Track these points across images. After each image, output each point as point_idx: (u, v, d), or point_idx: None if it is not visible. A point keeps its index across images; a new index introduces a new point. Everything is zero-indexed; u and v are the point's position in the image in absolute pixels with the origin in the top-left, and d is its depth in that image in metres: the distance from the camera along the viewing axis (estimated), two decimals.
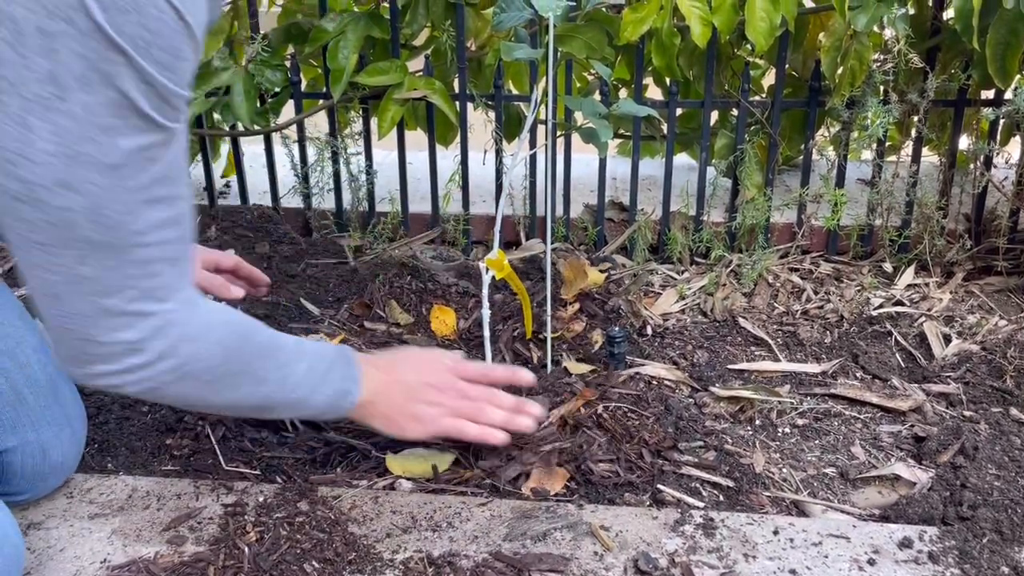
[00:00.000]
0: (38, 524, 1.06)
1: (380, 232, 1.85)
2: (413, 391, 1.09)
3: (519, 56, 1.20)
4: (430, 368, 1.11)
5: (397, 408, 1.09)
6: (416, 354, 1.13)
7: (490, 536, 1.03)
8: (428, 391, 1.10)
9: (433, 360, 1.13)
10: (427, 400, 1.10)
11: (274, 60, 1.77)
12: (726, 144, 1.85)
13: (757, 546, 1.02)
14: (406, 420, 1.09)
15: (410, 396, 1.09)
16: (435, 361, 1.13)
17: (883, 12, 1.53)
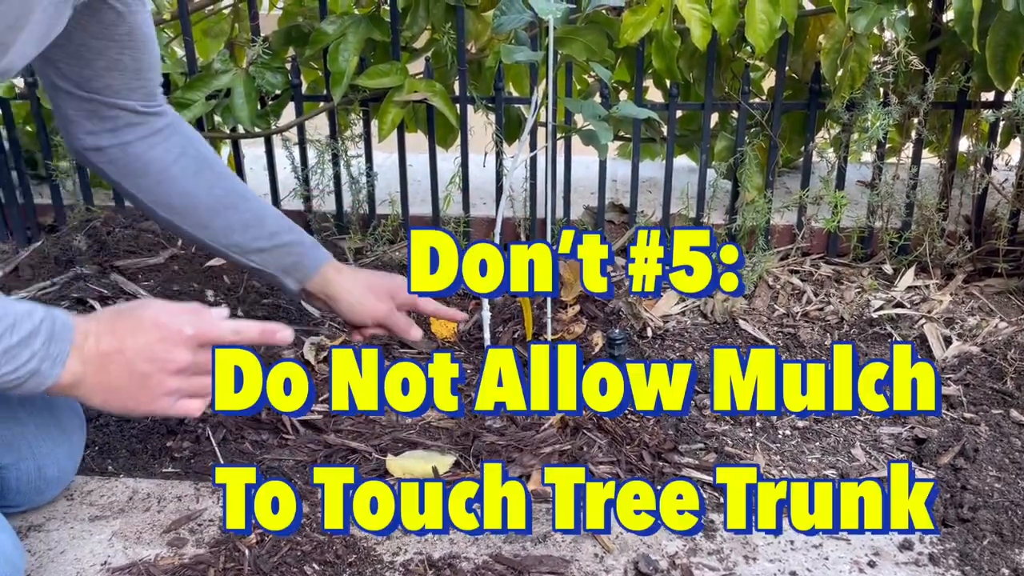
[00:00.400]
0: (39, 526, 1.06)
1: (380, 234, 1.85)
2: (137, 369, 0.91)
3: (519, 59, 1.20)
4: (164, 342, 0.92)
5: (115, 388, 0.91)
6: (151, 320, 0.92)
7: (490, 538, 1.03)
8: (156, 373, 0.91)
9: (171, 330, 0.92)
10: (153, 384, 0.92)
11: (275, 63, 1.77)
12: (726, 146, 1.85)
13: (757, 548, 1.02)
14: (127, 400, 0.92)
15: (133, 375, 0.91)
16: (173, 331, 0.92)
17: (883, 14, 1.54)
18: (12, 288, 1.65)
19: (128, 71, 1.13)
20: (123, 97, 1.15)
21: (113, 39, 1.09)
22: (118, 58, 1.11)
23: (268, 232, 1.22)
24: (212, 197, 1.20)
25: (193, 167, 1.20)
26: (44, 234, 1.89)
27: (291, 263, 1.24)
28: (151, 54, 1.14)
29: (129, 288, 1.62)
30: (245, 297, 1.63)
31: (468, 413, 1.30)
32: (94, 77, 1.13)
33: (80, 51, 1.10)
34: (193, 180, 1.20)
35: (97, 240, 1.77)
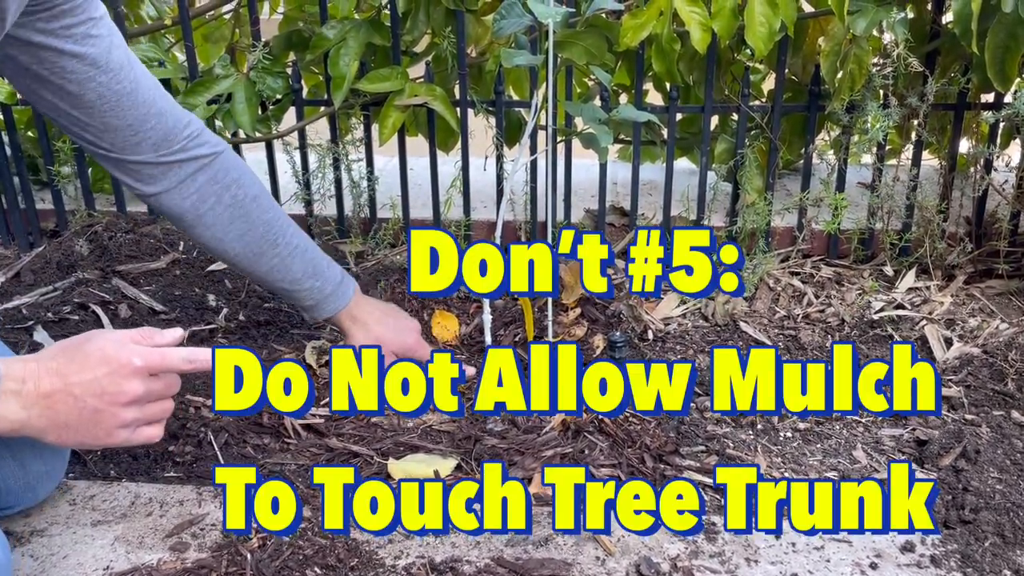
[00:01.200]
0: (41, 531, 1.06)
1: (382, 238, 1.85)
2: (88, 405, 0.90)
3: (519, 62, 1.20)
4: (112, 375, 0.90)
5: (66, 425, 0.90)
6: (98, 354, 0.90)
7: (492, 541, 1.03)
8: (108, 407, 0.91)
9: (119, 362, 0.91)
10: (106, 418, 0.91)
11: (275, 67, 1.77)
12: (726, 149, 1.85)
13: (759, 550, 1.02)
14: (82, 436, 0.92)
15: (83, 412, 0.90)
16: (121, 364, 0.91)
17: (882, 16, 1.54)
18: (14, 293, 1.65)
19: (119, 129, 1.16)
20: (131, 153, 1.19)
21: (86, 106, 1.13)
22: (104, 121, 1.15)
23: (291, 278, 1.32)
24: (241, 245, 1.28)
25: (227, 217, 1.27)
26: (46, 239, 1.89)
27: (309, 306, 1.36)
28: (138, 107, 1.16)
29: (130, 293, 1.63)
30: (247, 301, 1.64)
31: (469, 416, 1.31)
32: (97, 140, 1.18)
33: (70, 118, 1.15)
34: (224, 230, 1.27)
35: (99, 245, 1.77)
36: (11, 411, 0.87)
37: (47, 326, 1.53)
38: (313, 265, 1.33)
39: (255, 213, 1.28)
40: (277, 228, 1.30)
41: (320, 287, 1.33)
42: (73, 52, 1.09)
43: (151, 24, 1.96)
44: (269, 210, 1.30)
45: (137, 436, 0.94)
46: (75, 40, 1.09)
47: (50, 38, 1.07)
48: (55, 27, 1.07)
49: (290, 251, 1.31)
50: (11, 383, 0.87)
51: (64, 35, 1.08)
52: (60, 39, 1.08)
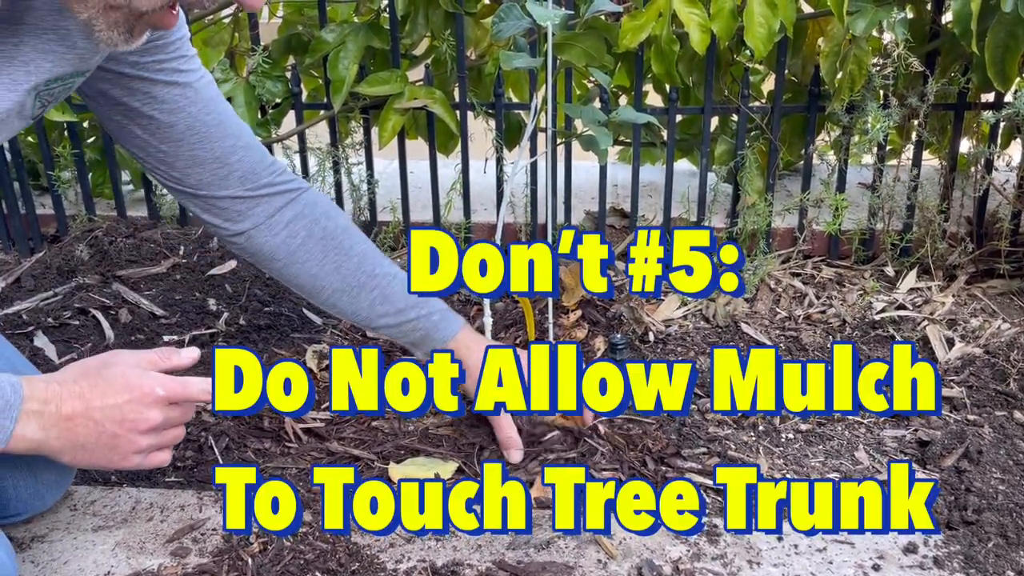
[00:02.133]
0: (42, 537, 1.06)
1: (382, 241, 1.85)
2: (107, 430, 0.92)
3: (518, 65, 1.20)
4: (134, 403, 0.92)
5: (83, 447, 0.92)
6: (120, 380, 0.92)
7: (493, 545, 1.03)
8: (126, 433, 0.92)
9: (141, 391, 0.93)
10: (122, 443, 0.93)
11: (275, 71, 1.77)
12: (726, 150, 1.85)
13: (761, 553, 1.02)
14: (97, 459, 0.93)
15: (102, 436, 0.92)
16: (144, 393, 0.93)
17: (881, 16, 1.54)
18: (15, 299, 1.65)
19: (207, 163, 1.15)
20: (219, 188, 1.17)
21: (175, 139, 1.12)
22: (192, 154, 1.14)
23: (395, 310, 1.22)
24: (339, 278, 1.21)
25: (319, 250, 1.21)
26: (46, 244, 1.89)
27: (418, 338, 1.24)
28: (227, 138, 1.15)
29: (131, 297, 1.63)
30: (247, 305, 1.63)
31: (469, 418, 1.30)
32: (183, 177, 1.16)
33: (159, 155, 1.14)
34: (319, 264, 1.21)
35: (99, 250, 1.77)
36: (30, 431, 0.88)
37: (48, 331, 1.53)
38: (415, 295, 1.23)
39: (347, 243, 1.22)
40: (373, 258, 1.23)
41: (427, 314, 1.23)
42: (165, 81, 1.09)
43: None
44: (361, 241, 1.24)
45: (149, 461, 0.96)
46: (166, 73, 1.09)
47: (141, 71, 1.07)
48: (147, 61, 1.07)
49: (389, 280, 1.22)
50: (33, 404, 0.88)
51: (156, 68, 1.08)
52: (152, 71, 1.08)
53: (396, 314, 1.22)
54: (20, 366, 1.09)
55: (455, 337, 1.23)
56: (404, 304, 1.22)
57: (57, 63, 0.94)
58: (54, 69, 0.94)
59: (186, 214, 1.92)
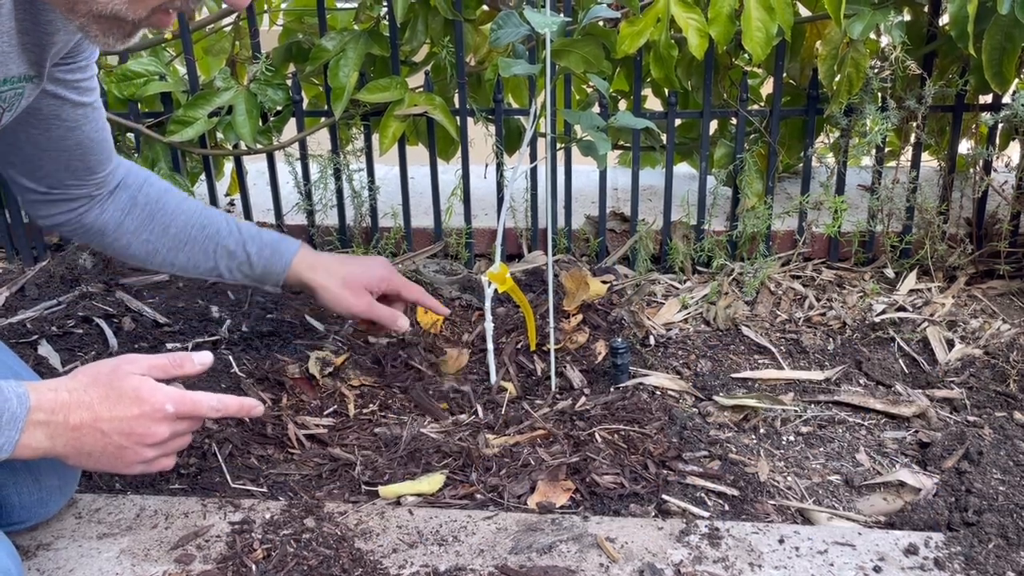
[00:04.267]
0: (47, 545, 1.06)
1: (383, 247, 1.86)
2: (113, 441, 0.93)
3: (517, 72, 1.21)
4: (143, 418, 0.93)
5: (89, 455, 0.93)
6: (132, 394, 0.93)
7: (496, 549, 1.04)
8: (133, 446, 0.94)
9: (152, 406, 0.94)
10: (128, 454, 0.94)
11: (276, 79, 1.78)
12: (726, 153, 1.86)
13: (763, 555, 1.02)
14: (102, 466, 0.95)
15: (108, 446, 0.93)
16: (154, 409, 0.94)
17: (879, 19, 1.54)
18: (19, 308, 1.66)
19: (78, 171, 1.22)
20: (76, 188, 1.24)
21: (60, 149, 1.18)
22: (67, 163, 1.20)
23: (228, 252, 1.32)
24: (168, 238, 1.30)
25: (144, 215, 1.29)
26: (50, 253, 1.90)
27: (261, 273, 1.35)
28: (102, 151, 1.22)
29: (134, 306, 1.64)
30: (250, 312, 1.64)
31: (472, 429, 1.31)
32: (46, 176, 1.21)
33: (34, 156, 1.18)
34: (147, 228, 1.29)
35: (102, 258, 1.78)
36: (37, 440, 0.89)
37: (52, 340, 1.54)
38: (244, 234, 1.33)
39: (171, 205, 1.30)
40: (198, 213, 1.31)
41: (259, 249, 1.32)
42: (76, 102, 1.14)
43: (152, 38, 1.97)
44: (183, 201, 1.32)
45: (153, 467, 0.98)
46: (79, 92, 1.14)
47: (60, 88, 1.11)
48: (69, 79, 1.12)
49: (216, 228, 1.31)
50: (40, 414, 0.89)
51: (73, 86, 1.13)
52: (68, 89, 1.12)
53: (230, 256, 1.32)
54: (24, 375, 1.09)
55: (293, 262, 1.33)
56: (235, 246, 1.31)
57: (4, 64, 0.95)
58: (1, 71, 0.95)
59: None
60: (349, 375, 1.44)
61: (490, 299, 1.36)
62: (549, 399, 1.38)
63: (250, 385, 1.40)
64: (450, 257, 1.87)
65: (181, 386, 1.01)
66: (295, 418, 1.32)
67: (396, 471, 1.21)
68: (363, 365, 1.47)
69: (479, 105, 1.79)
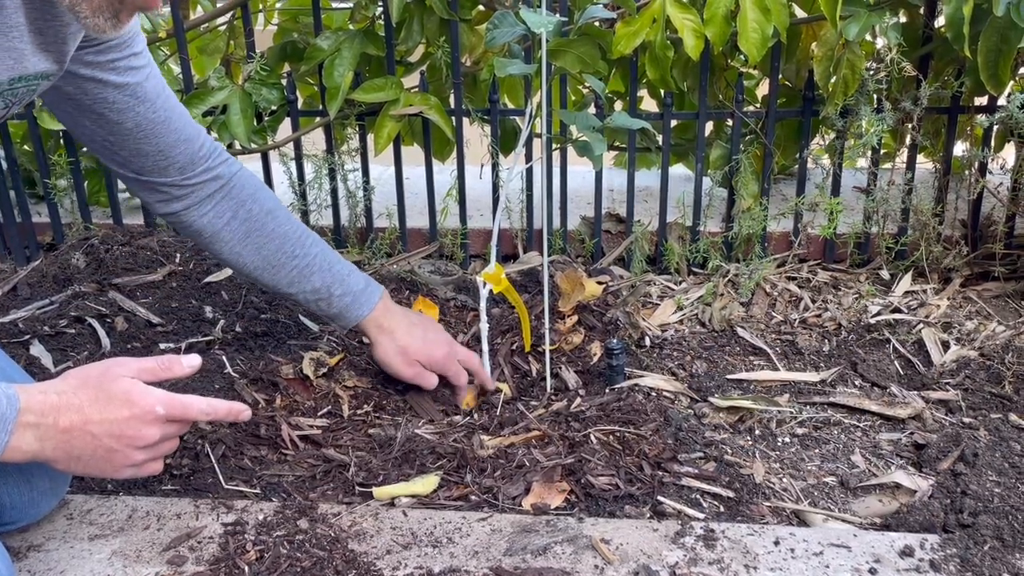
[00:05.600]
0: (38, 546, 1.05)
1: (378, 248, 1.85)
2: (103, 444, 0.92)
3: (512, 72, 1.20)
4: (134, 420, 0.92)
5: (78, 458, 0.92)
6: (122, 396, 0.92)
7: (490, 551, 1.03)
8: (123, 448, 0.93)
9: (142, 409, 0.93)
10: (118, 457, 0.93)
11: (270, 79, 1.77)
12: (721, 154, 1.86)
13: (758, 557, 1.02)
14: (91, 469, 0.94)
15: (98, 449, 0.92)
16: (144, 411, 0.93)
17: (874, 21, 1.54)
18: (11, 307, 1.65)
19: (150, 155, 1.22)
20: (158, 176, 1.25)
21: (122, 134, 1.19)
22: (137, 147, 1.20)
23: (311, 288, 1.33)
24: (259, 258, 1.32)
25: (242, 231, 1.30)
26: (42, 253, 1.89)
27: (335, 314, 1.35)
28: (170, 134, 1.22)
29: (127, 305, 1.63)
30: (244, 312, 1.63)
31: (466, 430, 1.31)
32: (125, 163, 1.23)
33: (105, 143, 1.20)
34: (241, 243, 1.31)
35: (95, 258, 1.77)
36: (26, 443, 0.89)
37: (44, 340, 1.53)
38: (332, 275, 1.34)
39: (270, 226, 1.31)
40: (294, 240, 1.32)
41: (341, 295, 1.33)
42: (116, 83, 1.13)
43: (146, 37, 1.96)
44: (285, 223, 1.32)
45: (142, 471, 0.97)
46: (118, 72, 1.13)
47: (96, 70, 1.11)
48: (102, 60, 1.11)
49: (308, 262, 1.32)
50: (30, 416, 0.88)
51: (109, 67, 1.12)
52: (105, 71, 1.12)
53: (312, 292, 1.34)
54: (15, 376, 1.09)
55: (368, 316, 1.34)
56: (320, 283, 1.33)
57: (20, 61, 0.94)
58: (16, 68, 0.94)
59: None
60: (343, 376, 1.43)
61: (485, 300, 1.36)
62: (544, 400, 1.37)
63: (244, 386, 1.39)
64: (445, 258, 1.86)
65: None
66: (289, 419, 1.32)
67: (390, 472, 1.20)
68: (357, 366, 1.46)
69: (475, 105, 1.79)
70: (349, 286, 1.34)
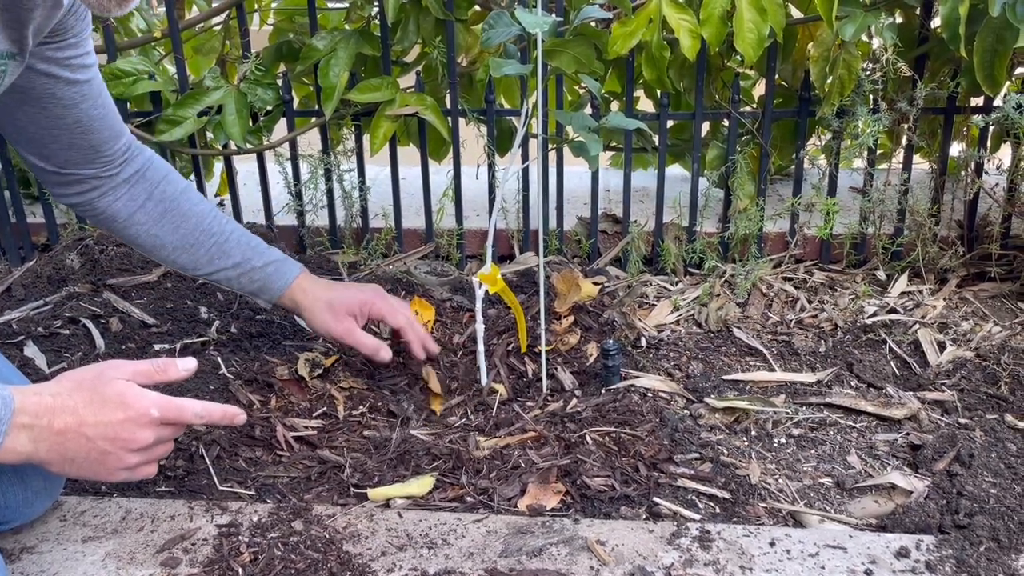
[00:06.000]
0: (31, 548, 1.05)
1: (374, 248, 1.85)
2: (97, 447, 0.91)
3: (508, 72, 1.20)
4: (128, 423, 0.92)
5: (72, 460, 0.91)
6: (116, 398, 0.92)
7: (485, 552, 1.03)
8: (117, 451, 0.92)
9: (136, 411, 0.92)
10: (112, 460, 0.93)
11: (266, 79, 1.77)
12: (718, 155, 1.85)
13: (754, 558, 1.02)
14: (84, 472, 0.93)
15: (92, 451, 0.91)
16: (139, 413, 0.92)
17: (870, 21, 1.54)
18: (5, 308, 1.64)
19: (82, 149, 1.23)
20: (83, 167, 1.25)
21: (60, 128, 1.19)
22: (72, 141, 1.21)
23: (232, 263, 1.34)
24: (176, 237, 1.32)
25: (157, 212, 1.31)
26: (37, 253, 1.89)
27: (258, 287, 1.37)
28: (104, 130, 1.23)
29: (122, 306, 1.62)
30: (239, 313, 1.63)
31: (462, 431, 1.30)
32: (51, 155, 1.23)
33: (37, 136, 1.19)
34: (157, 224, 1.31)
35: (90, 259, 1.77)
36: (21, 444, 0.88)
37: (38, 341, 1.53)
38: (251, 249, 1.36)
39: (184, 206, 1.32)
40: (209, 218, 1.33)
41: (262, 266, 1.35)
42: (68, 79, 1.14)
43: (141, 37, 1.96)
44: (199, 203, 1.34)
45: (136, 475, 0.96)
46: (72, 70, 1.14)
47: (52, 66, 1.12)
48: (60, 57, 1.12)
49: (225, 238, 1.34)
50: (25, 417, 0.88)
51: (65, 64, 1.13)
52: (61, 67, 1.13)
53: (233, 267, 1.34)
54: (11, 377, 1.08)
55: (291, 285, 1.36)
56: (240, 258, 1.34)
57: None
58: None
59: None
60: (339, 377, 1.43)
61: (481, 300, 1.36)
62: (540, 401, 1.37)
63: (239, 387, 1.39)
64: (441, 258, 1.86)
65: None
66: (284, 420, 1.31)
67: (385, 473, 1.20)
68: (353, 366, 1.46)
69: (471, 105, 1.79)
70: (269, 257, 1.36)
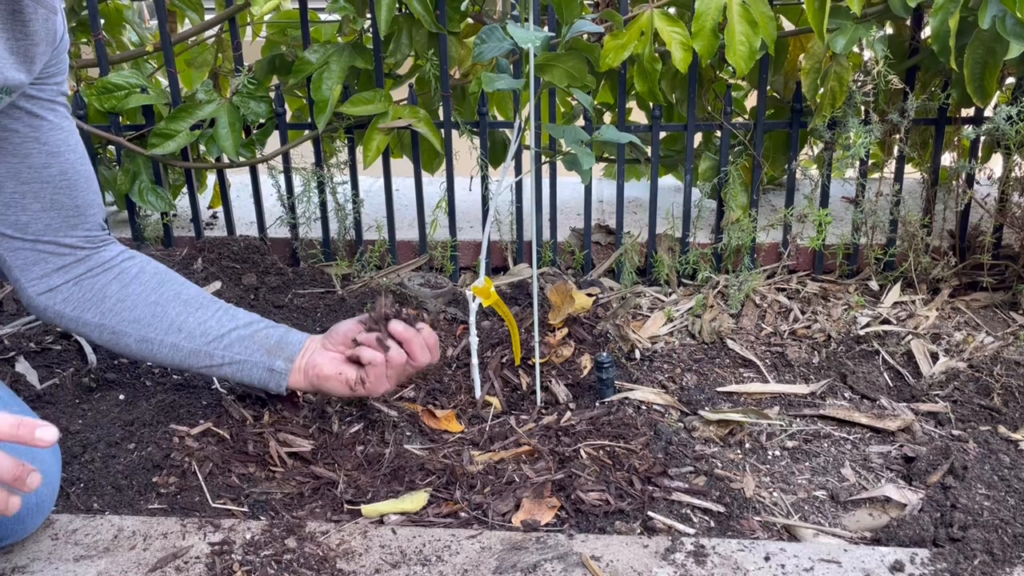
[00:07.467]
0: (23, 568, 1.04)
1: (367, 260, 1.85)
2: None
3: (500, 87, 1.20)
4: None
5: None
6: None
7: (480, 569, 1.02)
8: None
9: None
10: None
11: (258, 92, 1.77)
12: (710, 166, 1.86)
13: (748, 573, 1.02)
14: None
15: None
16: None
17: (861, 34, 1.55)
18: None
19: (66, 209, 1.16)
20: (64, 235, 1.18)
21: (42, 181, 1.13)
22: (55, 198, 1.15)
23: (244, 323, 1.24)
24: (180, 301, 1.22)
25: (155, 282, 1.23)
26: None
27: (274, 343, 1.24)
28: (90, 192, 1.18)
29: None
30: None
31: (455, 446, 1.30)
32: (29, 222, 1.15)
33: (14, 197, 1.13)
34: (157, 291, 1.22)
35: None
36: None
37: (29, 356, 1.52)
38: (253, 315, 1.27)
39: (180, 279, 1.27)
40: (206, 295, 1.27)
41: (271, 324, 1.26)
42: (53, 123, 1.11)
43: (133, 50, 1.96)
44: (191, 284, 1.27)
45: None
46: (56, 113, 1.12)
47: (35, 105, 1.09)
48: (44, 97, 1.09)
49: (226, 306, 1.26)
50: None
51: (49, 105, 1.10)
52: (45, 108, 1.10)
53: (246, 326, 1.23)
54: (5, 399, 1.07)
55: (309, 339, 1.25)
56: (249, 318, 1.25)
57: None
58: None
59: (170, 235, 1.91)
60: None
61: (475, 313, 1.35)
62: (534, 414, 1.37)
63: (231, 402, 1.38)
64: (435, 270, 1.86)
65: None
66: (277, 435, 1.31)
67: (379, 489, 1.19)
68: None
69: (464, 118, 1.79)
70: (271, 323, 1.27)
